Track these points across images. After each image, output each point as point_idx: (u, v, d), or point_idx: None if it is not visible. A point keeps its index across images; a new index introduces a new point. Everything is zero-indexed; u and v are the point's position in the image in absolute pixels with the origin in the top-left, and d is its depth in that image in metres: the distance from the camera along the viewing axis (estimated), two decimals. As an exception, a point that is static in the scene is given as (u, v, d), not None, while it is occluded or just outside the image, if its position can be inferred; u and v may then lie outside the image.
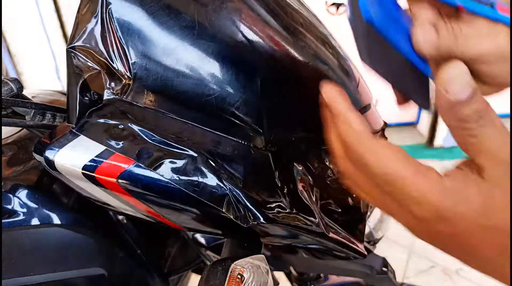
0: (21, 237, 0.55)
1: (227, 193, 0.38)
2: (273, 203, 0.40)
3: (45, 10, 1.99)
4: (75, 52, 0.38)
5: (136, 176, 0.37)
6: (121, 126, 0.38)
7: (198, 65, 0.39)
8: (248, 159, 0.41)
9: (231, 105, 0.40)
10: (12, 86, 0.39)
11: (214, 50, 0.39)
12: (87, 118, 0.37)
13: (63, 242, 0.57)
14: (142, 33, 0.38)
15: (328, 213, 0.46)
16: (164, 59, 0.38)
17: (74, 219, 0.58)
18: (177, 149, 0.38)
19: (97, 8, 0.37)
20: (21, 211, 0.56)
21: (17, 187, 0.57)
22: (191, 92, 0.39)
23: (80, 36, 0.38)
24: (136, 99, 0.39)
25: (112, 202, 0.41)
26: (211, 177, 0.38)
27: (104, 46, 0.38)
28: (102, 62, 0.38)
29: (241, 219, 0.38)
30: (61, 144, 0.36)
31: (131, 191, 0.37)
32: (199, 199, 0.37)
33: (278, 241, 0.48)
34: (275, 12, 0.44)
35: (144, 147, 0.37)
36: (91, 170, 0.36)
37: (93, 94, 0.38)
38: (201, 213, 0.40)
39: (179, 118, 0.40)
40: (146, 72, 0.38)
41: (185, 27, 0.39)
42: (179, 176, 0.37)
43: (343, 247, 0.45)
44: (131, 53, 0.38)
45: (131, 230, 0.65)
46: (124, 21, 0.38)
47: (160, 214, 0.41)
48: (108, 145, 0.37)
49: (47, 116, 0.40)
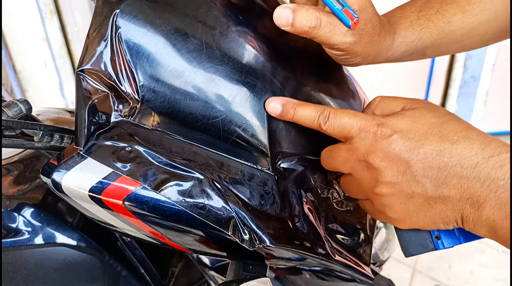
0: (26, 256, 0.55)
1: (233, 216, 0.38)
2: (279, 226, 0.40)
3: (50, 28, 2.02)
4: (84, 75, 0.38)
5: (142, 198, 0.37)
6: (128, 148, 0.38)
7: (205, 88, 0.39)
8: (253, 181, 0.41)
9: (238, 127, 0.41)
10: (22, 107, 0.39)
11: (221, 73, 0.40)
12: (94, 140, 0.38)
13: (67, 261, 0.56)
14: (150, 56, 0.38)
15: (334, 235, 0.46)
16: (172, 81, 0.39)
17: (79, 239, 0.58)
18: (183, 171, 0.38)
19: (106, 32, 0.38)
20: (26, 230, 0.56)
21: (22, 206, 0.57)
22: (198, 114, 0.40)
23: (90, 59, 0.38)
24: (144, 121, 0.39)
25: (117, 224, 0.41)
26: (217, 200, 0.38)
27: (113, 69, 0.38)
28: (110, 85, 0.39)
29: (247, 242, 0.38)
30: (68, 166, 0.36)
31: (137, 213, 0.37)
32: (205, 221, 0.37)
33: (283, 263, 0.47)
34: (279, 36, 0.45)
35: (150, 169, 0.37)
36: (97, 192, 0.36)
37: (101, 116, 0.39)
38: (206, 236, 0.40)
39: (185, 140, 0.40)
40: (153, 94, 0.39)
41: (193, 50, 0.39)
42: (185, 199, 0.37)
43: (350, 270, 0.45)
44: (139, 76, 0.38)
45: (135, 249, 0.65)
46: (133, 44, 0.38)
47: (165, 236, 0.41)
48: (115, 168, 0.37)
49: (55, 137, 0.41)
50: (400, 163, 0.36)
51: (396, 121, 0.38)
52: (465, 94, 2.16)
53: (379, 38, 0.43)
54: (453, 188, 0.35)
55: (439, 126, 0.37)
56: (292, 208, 0.42)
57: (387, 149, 0.37)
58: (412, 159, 0.36)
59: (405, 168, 0.36)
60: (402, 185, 0.37)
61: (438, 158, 0.35)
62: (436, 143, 0.36)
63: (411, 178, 0.36)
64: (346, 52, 0.42)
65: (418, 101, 0.40)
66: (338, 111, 0.40)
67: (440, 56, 0.55)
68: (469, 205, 0.35)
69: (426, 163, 0.36)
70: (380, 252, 0.63)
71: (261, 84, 0.41)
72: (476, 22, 0.50)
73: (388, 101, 0.42)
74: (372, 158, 0.37)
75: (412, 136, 0.36)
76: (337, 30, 0.40)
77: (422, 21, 0.48)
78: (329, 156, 0.42)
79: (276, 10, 0.39)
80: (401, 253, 0.43)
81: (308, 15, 0.38)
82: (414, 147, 0.36)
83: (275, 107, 0.41)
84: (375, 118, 0.38)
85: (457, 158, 0.35)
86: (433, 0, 0.50)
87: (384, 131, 0.37)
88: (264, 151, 0.42)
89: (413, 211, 0.38)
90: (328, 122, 0.40)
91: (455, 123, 0.37)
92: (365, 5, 0.40)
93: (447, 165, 0.35)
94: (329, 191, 0.47)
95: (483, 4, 0.50)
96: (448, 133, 0.36)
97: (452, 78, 2.14)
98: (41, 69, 2.09)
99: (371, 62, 0.46)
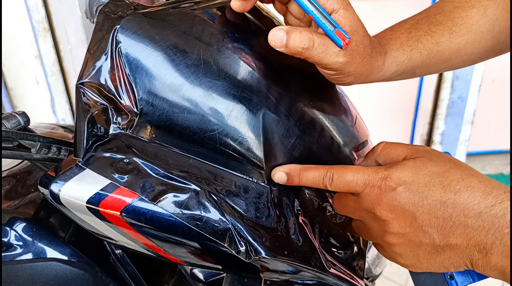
0: (16, 271, 0.54)
1: (229, 228, 0.38)
2: (275, 238, 0.40)
3: (43, 45, 2.02)
4: (83, 87, 0.39)
5: (139, 209, 0.37)
6: (126, 160, 0.38)
7: (202, 102, 0.40)
8: (249, 194, 0.42)
9: (234, 141, 0.41)
10: (20, 119, 0.40)
11: (218, 87, 0.41)
12: (93, 152, 0.38)
13: (59, 276, 0.56)
14: (149, 71, 0.39)
15: (328, 248, 0.46)
16: (169, 95, 0.40)
17: (71, 254, 0.58)
18: (180, 183, 0.39)
19: (107, 47, 0.39)
20: (17, 244, 0.55)
21: (14, 220, 0.57)
22: (195, 127, 0.41)
23: (90, 72, 0.39)
24: (141, 133, 0.40)
25: (114, 236, 0.41)
26: (214, 212, 0.38)
27: (112, 83, 0.39)
28: (109, 98, 0.39)
29: (243, 254, 0.38)
30: (67, 177, 0.37)
31: (134, 224, 0.38)
32: (201, 233, 0.38)
33: (277, 276, 0.47)
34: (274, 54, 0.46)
35: (148, 181, 0.38)
36: (95, 203, 0.37)
37: (99, 128, 0.39)
38: (202, 248, 0.40)
39: (182, 152, 0.41)
40: (152, 108, 0.40)
41: (190, 65, 0.40)
42: (182, 210, 0.37)
43: (344, 283, 0.45)
44: (138, 90, 0.39)
45: (127, 265, 0.64)
46: (133, 59, 0.39)
47: (162, 248, 0.41)
48: (113, 179, 0.37)
49: (52, 149, 0.41)
50: (406, 215, 0.38)
51: (399, 173, 0.38)
52: (453, 114, 2.20)
53: (370, 58, 0.45)
54: (459, 236, 0.36)
55: (440, 175, 0.37)
56: (287, 221, 0.43)
57: (393, 202, 0.38)
58: (418, 211, 0.37)
59: (411, 220, 0.38)
60: (410, 236, 0.38)
61: (442, 209, 0.36)
62: (440, 194, 0.37)
63: (417, 229, 0.38)
64: (338, 72, 0.43)
65: (419, 150, 0.41)
66: (340, 170, 0.41)
67: (429, 75, 0.57)
68: (477, 252, 0.36)
69: (432, 214, 0.37)
70: (373, 267, 0.63)
71: (257, 99, 0.42)
72: (463, 42, 0.52)
73: (390, 150, 0.43)
74: (379, 211, 0.39)
75: (415, 188, 0.37)
76: (330, 50, 0.41)
77: (411, 42, 0.50)
78: (340, 203, 0.44)
79: (270, 32, 0.40)
80: (393, 271, 0.44)
81: (302, 37, 0.40)
82: (418, 199, 0.37)
83: (280, 176, 0.43)
84: (378, 172, 0.39)
85: (460, 208, 0.36)
86: (421, 22, 0.52)
87: (389, 184, 0.38)
88: (260, 164, 0.42)
89: (423, 258, 0.39)
90: (333, 182, 0.41)
91: (456, 172, 0.38)
92: (357, 27, 0.42)
93: (451, 215, 0.36)
94: (323, 204, 0.48)
95: (469, 26, 0.52)
96: (450, 183, 0.37)
97: (440, 98, 2.18)
98: (33, 86, 2.09)
99: (363, 81, 0.48)
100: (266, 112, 0.43)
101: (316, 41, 0.40)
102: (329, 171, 0.41)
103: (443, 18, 0.52)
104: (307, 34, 0.40)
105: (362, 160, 0.47)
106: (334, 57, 0.41)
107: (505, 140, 2.35)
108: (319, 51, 0.41)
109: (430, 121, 2.27)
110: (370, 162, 0.45)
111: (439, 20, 0.52)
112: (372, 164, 0.45)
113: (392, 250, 0.41)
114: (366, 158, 0.46)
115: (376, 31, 0.52)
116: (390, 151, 0.43)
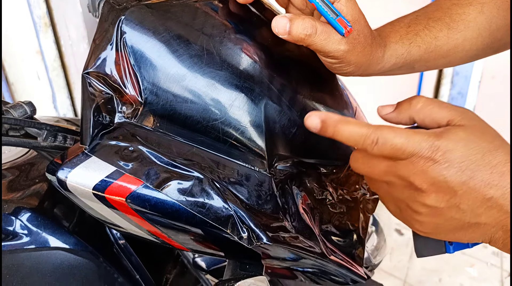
0: (22, 260, 0.55)
1: (232, 214, 0.39)
2: (276, 225, 0.41)
3: (44, 41, 2.03)
4: (89, 77, 0.40)
5: (144, 196, 0.38)
6: (131, 148, 0.39)
7: (205, 92, 0.41)
8: (251, 182, 0.43)
9: (236, 130, 0.42)
10: (26, 109, 0.40)
11: (221, 77, 0.41)
12: (99, 140, 0.39)
13: (63, 265, 0.57)
14: (153, 61, 0.40)
15: (328, 236, 0.47)
16: (173, 85, 0.41)
17: (75, 243, 0.59)
18: (184, 171, 0.39)
19: (112, 37, 0.40)
20: (23, 234, 0.56)
21: (19, 210, 0.58)
22: (198, 116, 0.41)
23: (95, 62, 0.40)
24: (146, 122, 0.41)
25: (120, 222, 0.42)
26: (217, 199, 0.39)
27: (117, 72, 0.40)
28: (114, 87, 0.40)
29: (245, 240, 0.39)
30: (73, 164, 0.38)
31: (139, 211, 0.39)
32: (205, 219, 0.39)
33: (278, 263, 0.48)
34: (276, 45, 0.47)
35: (152, 168, 0.39)
36: (101, 190, 0.38)
37: (105, 117, 0.40)
38: (205, 234, 0.41)
39: (186, 141, 0.42)
40: (156, 97, 0.40)
41: (194, 55, 0.41)
42: (185, 197, 0.38)
43: (344, 269, 0.46)
44: (142, 79, 0.40)
45: (131, 255, 0.65)
46: (137, 49, 0.40)
47: (166, 234, 0.42)
48: (118, 166, 0.38)
49: (58, 137, 0.42)
50: (448, 191, 0.36)
51: (452, 145, 0.36)
52: (452, 110, 2.21)
53: (371, 48, 0.46)
54: (491, 217, 0.36)
55: (490, 154, 0.36)
56: (288, 208, 0.44)
57: (438, 176, 0.36)
58: (461, 189, 0.36)
59: (451, 196, 0.36)
60: (443, 210, 0.37)
61: (485, 190, 0.36)
62: (487, 175, 0.36)
63: (453, 205, 0.37)
64: (340, 60, 0.44)
65: (466, 115, 0.39)
66: (388, 133, 0.37)
67: (428, 70, 0.57)
68: (502, 232, 0.36)
69: (473, 194, 0.36)
70: (373, 256, 0.64)
71: (258, 89, 0.43)
72: (461, 38, 0.53)
73: (433, 108, 0.40)
74: (419, 182, 0.37)
75: (465, 167, 0.36)
76: (332, 38, 0.42)
77: (410, 36, 0.51)
78: (363, 163, 0.40)
79: (273, 19, 0.41)
80: (393, 265, 0.45)
81: (304, 24, 0.41)
82: (466, 178, 0.36)
83: (313, 123, 0.39)
84: (429, 140, 0.36)
85: (501, 191, 0.35)
86: (420, 18, 0.53)
87: (438, 157, 0.36)
88: (261, 153, 0.43)
89: (444, 230, 0.39)
90: (377, 146, 0.37)
91: (503, 151, 0.37)
92: (358, 16, 0.43)
93: (492, 197, 0.36)
94: (323, 193, 0.49)
95: (466, 22, 0.53)
96: (498, 164, 0.36)
97: (440, 94, 2.18)
98: (34, 81, 2.10)
99: (363, 72, 0.49)
100: (268, 102, 0.43)
101: (318, 28, 0.41)
102: (374, 133, 0.37)
103: (441, 14, 0.53)
104: (310, 21, 0.41)
105: (392, 112, 0.43)
106: (336, 45, 0.42)
107: (504, 136, 2.36)
108: (322, 38, 0.42)
109: (430, 117, 2.27)
110: (403, 117, 0.42)
111: (437, 16, 0.53)
112: (404, 119, 0.42)
113: (414, 217, 0.39)
114: (399, 110, 0.42)
115: (375, 27, 0.53)
116: (432, 110, 0.40)
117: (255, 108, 0.43)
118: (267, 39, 0.46)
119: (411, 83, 2.20)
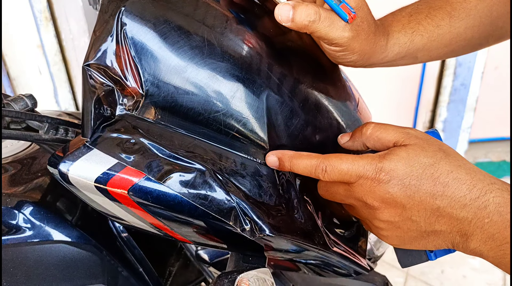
0: (26, 253, 0.55)
1: (234, 206, 0.39)
2: (279, 216, 0.41)
3: (45, 35, 2.02)
4: (90, 69, 0.39)
5: (146, 189, 0.38)
6: (133, 140, 0.39)
7: (207, 83, 0.41)
8: (253, 174, 0.42)
9: (238, 122, 0.42)
10: (27, 102, 0.40)
11: (222, 69, 0.41)
12: (100, 132, 0.39)
13: (66, 258, 0.57)
14: (154, 52, 0.40)
15: (331, 227, 0.47)
16: (174, 77, 0.40)
17: (78, 236, 0.59)
18: (186, 163, 0.39)
19: (112, 28, 0.39)
20: (26, 227, 0.57)
21: (22, 203, 0.58)
22: (199, 108, 0.41)
23: (96, 54, 0.39)
24: (147, 115, 0.41)
25: (122, 215, 0.42)
26: (219, 191, 0.39)
27: (118, 64, 0.40)
28: (115, 79, 0.40)
29: (248, 232, 0.39)
30: (75, 157, 0.38)
31: (141, 203, 0.38)
32: (207, 211, 0.38)
33: (281, 255, 0.48)
34: (278, 36, 0.47)
35: (154, 161, 0.38)
36: (103, 182, 0.37)
37: (106, 109, 0.40)
38: (208, 226, 0.41)
39: (187, 133, 0.42)
40: (157, 89, 0.40)
41: (195, 47, 0.40)
42: (188, 189, 0.38)
43: (347, 261, 0.46)
44: (143, 71, 0.40)
45: (134, 249, 0.65)
46: (138, 41, 0.39)
47: (169, 227, 0.42)
48: (120, 159, 0.38)
49: (60, 130, 0.42)
50: (397, 206, 0.39)
51: (393, 165, 0.39)
52: (455, 101, 2.20)
53: (374, 36, 0.46)
54: (444, 224, 0.39)
55: (431, 167, 0.39)
56: (290, 200, 0.44)
57: (385, 194, 0.39)
58: (408, 203, 0.39)
59: (401, 210, 0.40)
60: (398, 223, 0.41)
61: (431, 201, 0.38)
62: (430, 187, 0.38)
63: (406, 218, 0.40)
64: (344, 48, 0.44)
65: (410, 135, 0.41)
66: (334, 161, 0.41)
67: (431, 61, 0.57)
68: (459, 236, 0.39)
69: (421, 206, 0.39)
70: (375, 248, 0.64)
71: (260, 81, 0.43)
72: (462, 26, 0.53)
73: (381, 134, 0.43)
74: (371, 201, 0.40)
75: (408, 181, 0.39)
76: (336, 24, 0.42)
77: (413, 25, 0.50)
78: (327, 190, 0.45)
79: (276, 7, 0.41)
80: (394, 257, 0.46)
81: (308, 10, 0.40)
82: (410, 193, 0.39)
83: (272, 160, 0.43)
84: (372, 163, 0.40)
85: (448, 200, 0.38)
86: (421, 7, 0.53)
87: (382, 177, 0.39)
88: (264, 145, 0.43)
89: (408, 240, 0.42)
90: (326, 174, 0.41)
91: (446, 163, 0.39)
92: (361, 3, 0.43)
93: (439, 207, 0.38)
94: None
95: (467, 10, 0.53)
96: (440, 176, 0.38)
97: (442, 85, 2.17)
98: (36, 75, 2.09)
99: (366, 61, 0.48)
100: (270, 93, 0.43)
101: (322, 14, 0.41)
102: (322, 162, 0.41)
103: (443, 3, 0.53)
104: (313, 8, 0.41)
105: (348, 141, 0.47)
106: (340, 31, 0.42)
107: (507, 127, 2.35)
108: (326, 24, 0.41)
109: (433, 109, 2.27)
110: (358, 144, 0.46)
111: (438, 5, 0.53)
112: (359, 146, 0.46)
113: (379, 232, 0.43)
114: (353, 139, 0.46)
115: (377, 18, 0.53)
116: (380, 136, 0.43)
117: (257, 100, 0.43)
118: (269, 29, 0.46)
119: (414, 75, 2.19)
